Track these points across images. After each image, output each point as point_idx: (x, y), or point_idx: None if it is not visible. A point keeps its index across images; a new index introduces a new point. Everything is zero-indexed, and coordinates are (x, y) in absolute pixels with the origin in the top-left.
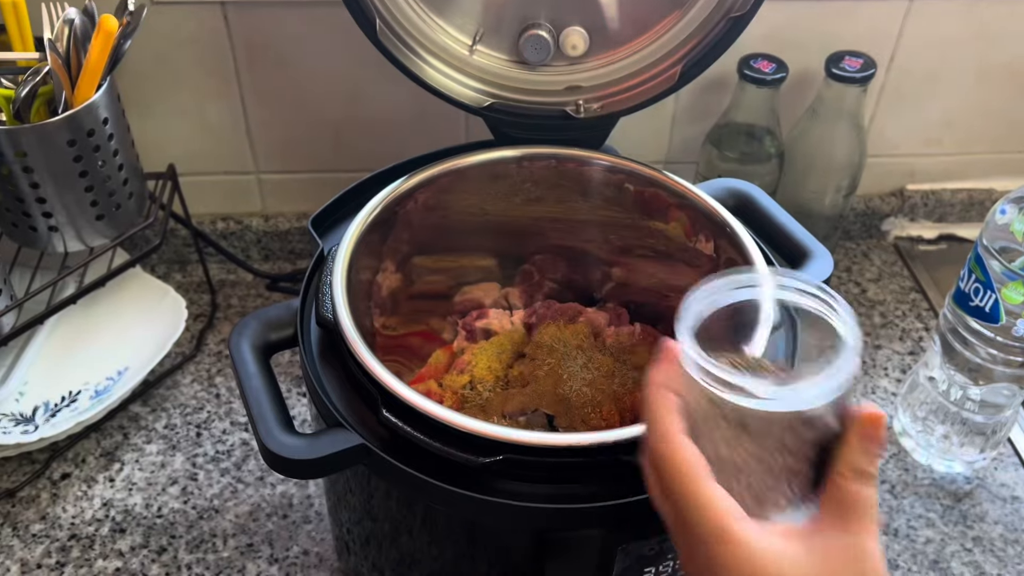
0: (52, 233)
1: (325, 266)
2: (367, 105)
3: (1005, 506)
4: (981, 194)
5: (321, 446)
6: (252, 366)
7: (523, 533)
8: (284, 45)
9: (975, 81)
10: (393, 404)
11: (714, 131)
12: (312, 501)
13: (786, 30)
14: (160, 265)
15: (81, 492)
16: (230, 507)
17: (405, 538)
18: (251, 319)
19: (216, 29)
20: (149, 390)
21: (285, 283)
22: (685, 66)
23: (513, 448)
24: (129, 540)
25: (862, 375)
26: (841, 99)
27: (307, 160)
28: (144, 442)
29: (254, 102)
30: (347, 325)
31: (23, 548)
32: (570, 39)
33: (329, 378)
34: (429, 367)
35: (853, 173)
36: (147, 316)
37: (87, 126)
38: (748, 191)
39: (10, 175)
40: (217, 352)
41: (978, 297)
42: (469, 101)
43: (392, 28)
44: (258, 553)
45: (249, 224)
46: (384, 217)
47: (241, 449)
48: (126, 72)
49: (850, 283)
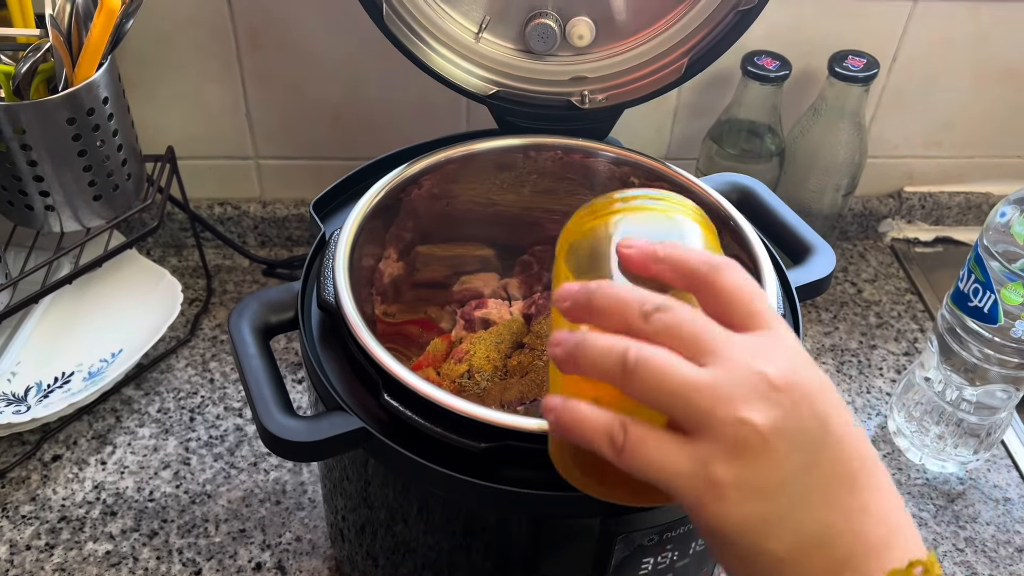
0: (48, 213)
1: (327, 249)
2: (368, 91)
3: (997, 507)
4: (978, 198)
5: (321, 429)
6: (252, 347)
7: (521, 520)
8: (286, 29)
9: (976, 84)
10: (394, 388)
11: (715, 127)
12: (306, 488)
13: (790, 28)
14: (156, 248)
15: (72, 474)
16: (223, 492)
17: (401, 526)
18: (251, 300)
19: (219, 11)
20: (143, 373)
21: (282, 269)
22: (692, 59)
23: (514, 435)
24: (120, 523)
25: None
26: (843, 98)
27: (306, 146)
28: (137, 425)
29: (254, 86)
30: (349, 308)
31: (12, 529)
32: (577, 29)
33: (329, 361)
34: (427, 355)
35: (853, 173)
36: (142, 299)
37: (87, 105)
38: (751, 186)
39: (8, 152)
40: (212, 337)
41: (977, 298)
42: (474, 89)
43: (398, 13)
44: (250, 539)
45: (247, 210)
46: (388, 203)
47: (235, 434)
48: (127, 52)
49: (846, 283)
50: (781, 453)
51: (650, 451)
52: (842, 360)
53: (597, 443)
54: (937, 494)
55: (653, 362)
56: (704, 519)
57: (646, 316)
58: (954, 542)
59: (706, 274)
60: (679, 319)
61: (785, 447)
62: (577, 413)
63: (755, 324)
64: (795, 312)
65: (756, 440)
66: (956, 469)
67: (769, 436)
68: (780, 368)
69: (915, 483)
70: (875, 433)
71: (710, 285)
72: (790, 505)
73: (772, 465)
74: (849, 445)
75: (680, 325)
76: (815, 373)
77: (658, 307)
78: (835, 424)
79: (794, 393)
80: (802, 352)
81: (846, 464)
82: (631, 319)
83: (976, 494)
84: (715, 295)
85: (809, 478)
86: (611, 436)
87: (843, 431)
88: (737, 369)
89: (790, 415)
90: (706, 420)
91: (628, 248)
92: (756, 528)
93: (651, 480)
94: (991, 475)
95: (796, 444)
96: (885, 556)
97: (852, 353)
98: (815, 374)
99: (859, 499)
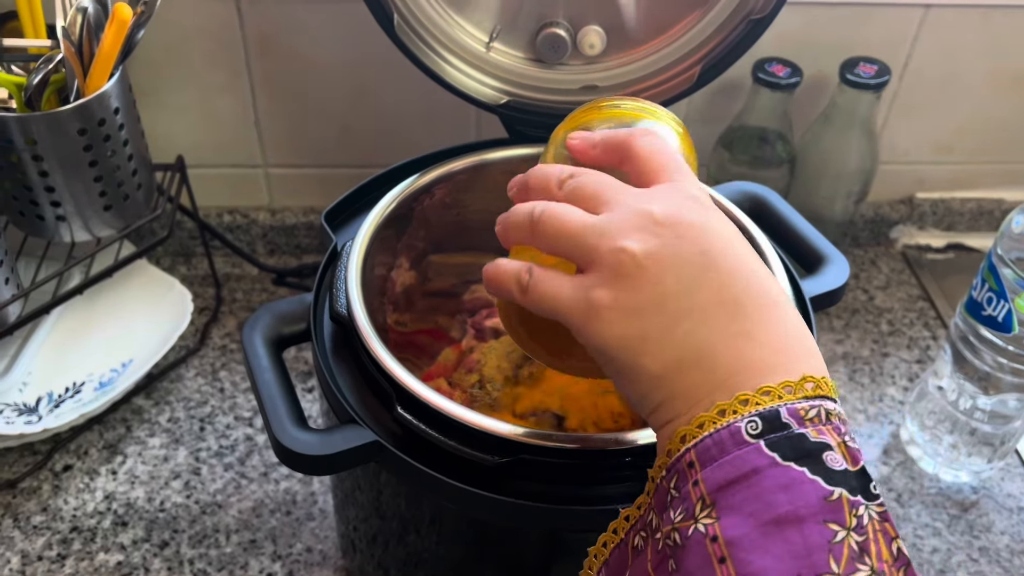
0: (59, 223)
1: (339, 261)
2: (377, 100)
3: (1011, 516)
4: (990, 204)
5: (334, 442)
6: (264, 360)
7: (533, 533)
8: (296, 38)
9: (987, 91)
10: (408, 401)
11: (726, 134)
12: (316, 498)
13: (802, 35)
14: (165, 257)
15: (83, 484)
16: (233, 502)
17: (413, 536)
18: (264, 312)
19: (229, 20)
20: (153, 383)
21: (292, 278)
22: (703, 68)
23: (528, 448)
24: (131, 534)
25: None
26: (855, 105)
27: (315, 154)
28: (147, 435)
29: (264, 95)
30: (362, 321)
31: (24, 539)
32: (587, 38)
33: (342, 374)
34: (439, 365)
35: (864, 179)
36: (152, 308)
37: (98, 115)
38: (764, 195)
39: (19, 162)
40: (222, 346)
41: (991, 306)
42: (485, 98)
43: (409, 23)
44: (261, 549)
45: (256, 218)
46: (399, 213)
47: (245, 444)
48: (137, 62)
49: (858, 290)
50: (655, 276)
51: (547, 287)
52: (854, 368)
53: (508, 286)
54: (951, 503)
55: (551, 212)
56: (587, 337)
57: (560, 184)
58: (968, 552)
59: (625, 143)
60: (583, 181)
61: (659, 271)
62: (497, 267)
63: (660, 179)
64: (809, 322)
65: (632, 265)
66: (970, 478)
67: (644, 261)
68: (665, 206)
69: (928, 492)
70: (888, 442)
71: (628, 152)
72: (665, 326)
73: (647, 287)
74: (738, 279)
75: (584, 186)
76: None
77: (571, 175)
78: (721, 258)
79: (677, 227)
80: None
81: (728, 292)
82: (551, 189)
83: (990, 503)
84: (632, 160)
85: (687, 301)
86: (518, 278)
87: (732, 265)
88: (626, 211)
89: (668, 244)
90: (593, 255)
91: (573, 139)
92: (633, 346)
93: (548, 313)
94: (1005, 484)
95: (673, 269)
96: (768, 378)
97: (864, 361)
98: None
99: (741, 325)
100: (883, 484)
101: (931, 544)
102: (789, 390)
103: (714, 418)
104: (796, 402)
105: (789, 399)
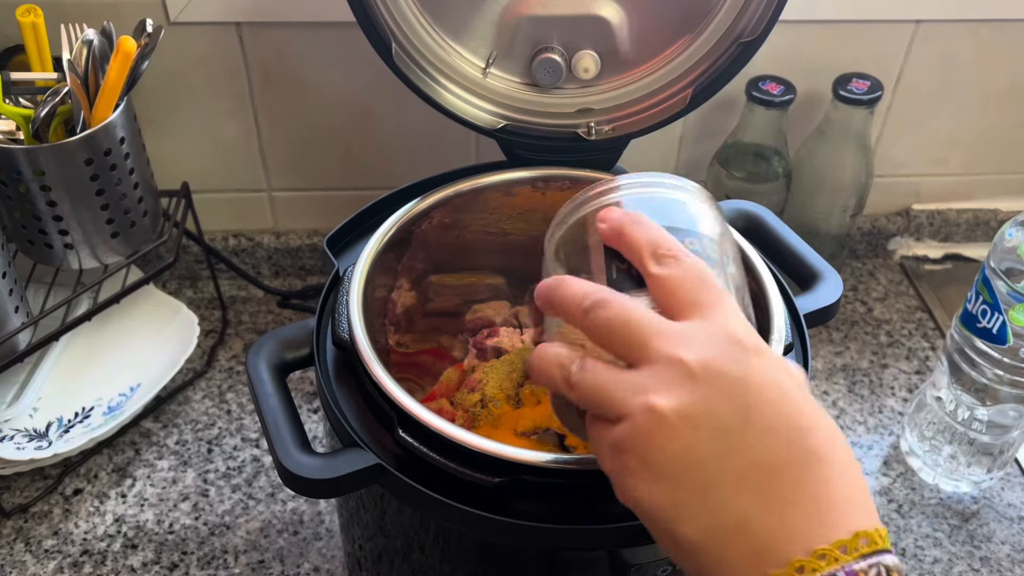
0: (68, 250)
1: (341, 286)
2: (378, 125)
3: (1012, 526)
4: (986, 214)
5: (337, 465)
6: (269, 385)
7: (536, 553)
8: (297, 66)
9: (980, 102)
10: (409, 424)
11: (722, 151)
12: (323, 518)
13: (794, 52)
14: (171, 281)
15: (93, 508)
16: (241, 523)
17: (417, 555)
18: (267, 339)
19: (231, 49)
20: (161, 406)
21: (296, 300)
22: (695, 90)
23: (528, 469)
24: (141, 556)
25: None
26: (848, 121)
27: (318, 178)
28: (156, 458)
29: (267, 121)
30: (364, 346)
31: (35, 563)
32: (582, 62)
33: (345, 397)
34: (441, 385)
35: (860, 193)
36: (159, 332)
37: (104, 145)
38: (758, 213)
39: (28, 193)
40: (228, 368)
41: (985, 319)
42: (482, 123)
43: (407, 51)
44: (269, 570)
45: (260, 241)
46: (399, 237)
47: (252, 465)
48: (142, 91)
49: (856, 302)
50: (688, 438)
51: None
52: (854, 380)
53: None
54: (951, 513)
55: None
56: (620, 498)
57: (584, 313)
58: (969, 562)
59: (648, 266)
60: (610, 319)
61: (692, 432)
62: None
63: (693, 312)
64: (803, 339)
65: (662, 424)
66: (970, 488)
67: (676, 421)
68: (701, 354)
69: (929, 503)
70: (888, 453)
71: (652, 277)
72: (701, 490)
73: (679, 449)
74: (778, 438)
75: (612, 326)
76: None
77: (595, 304)
78: (761, 416)
79: (713, 381)
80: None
81: (767, 455)
82: (574, 316)
83: (990, 513)
84: (658, 286)
85: (722, 465)
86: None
87: (772, 423)
88: (657, 360)
89: (702, 400)
90: (624, 409)
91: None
92: (667, 511)
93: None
94: (1005, 494)
95: (707, 430)
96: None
97: (863, 373)
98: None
99: (781, 491)
100: (884, 495)
101: (932, 554)
102: (844, 550)
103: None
104: (854, 562)
105: (846, 560)
